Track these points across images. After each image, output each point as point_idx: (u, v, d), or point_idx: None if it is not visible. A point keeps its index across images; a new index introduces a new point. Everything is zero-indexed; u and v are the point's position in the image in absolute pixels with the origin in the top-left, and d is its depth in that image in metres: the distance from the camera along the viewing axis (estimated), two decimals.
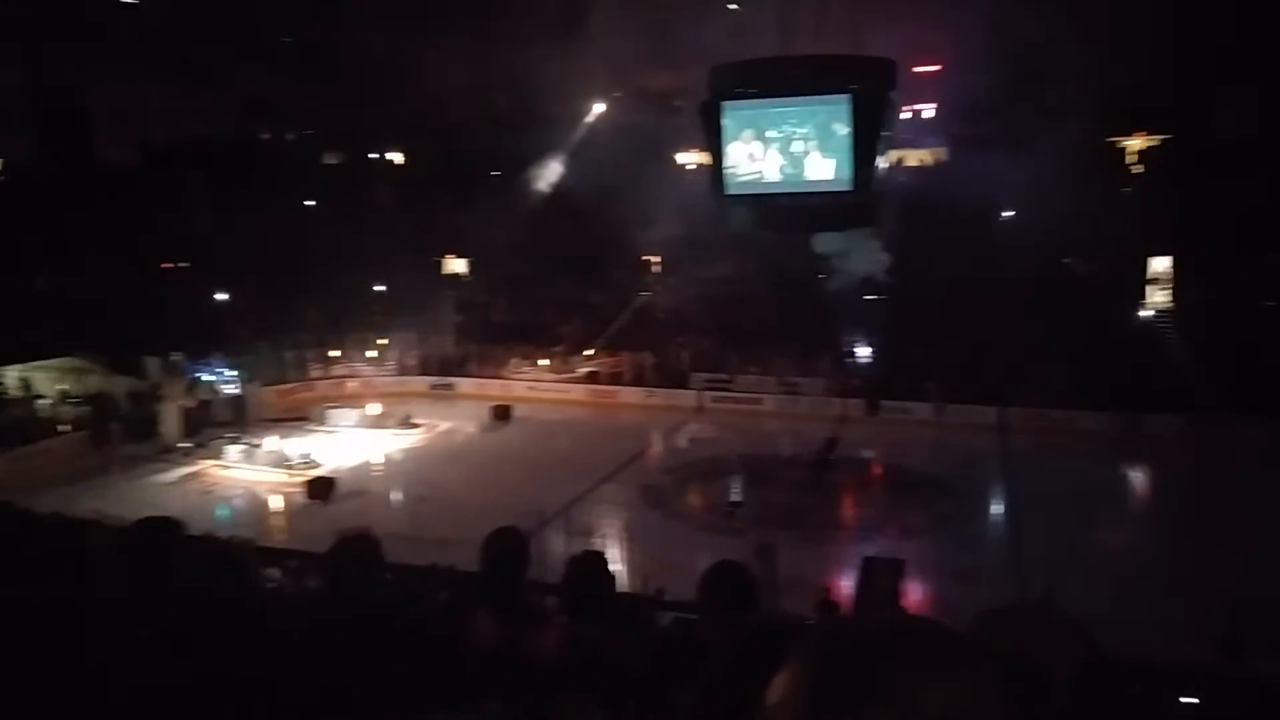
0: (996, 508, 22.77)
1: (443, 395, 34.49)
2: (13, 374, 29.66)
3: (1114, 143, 35.03)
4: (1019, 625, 1.71)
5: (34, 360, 30.11)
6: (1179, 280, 31.72)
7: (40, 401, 28.90)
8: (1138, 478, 26.07)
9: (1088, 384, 27.06)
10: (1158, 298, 32.17)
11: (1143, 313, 31.92)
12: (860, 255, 28.63)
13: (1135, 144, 35.23)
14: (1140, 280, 32.15)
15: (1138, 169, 35.04)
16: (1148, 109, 32.44)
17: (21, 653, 1.50)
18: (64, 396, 29.22)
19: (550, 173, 39.89)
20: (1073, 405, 27.18)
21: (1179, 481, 23.98)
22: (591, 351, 35.64)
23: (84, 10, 31.01)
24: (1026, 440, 26.49)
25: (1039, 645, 1.67)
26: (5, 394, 28.97)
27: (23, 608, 1.59)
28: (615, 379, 34.26)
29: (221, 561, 3.09)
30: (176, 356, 31.12)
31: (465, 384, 35.06)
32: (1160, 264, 32.27)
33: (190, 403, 29.21)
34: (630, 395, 33.33)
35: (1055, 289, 29.70)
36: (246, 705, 2.07)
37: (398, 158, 44.84)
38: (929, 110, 35.46)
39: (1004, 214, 33.06)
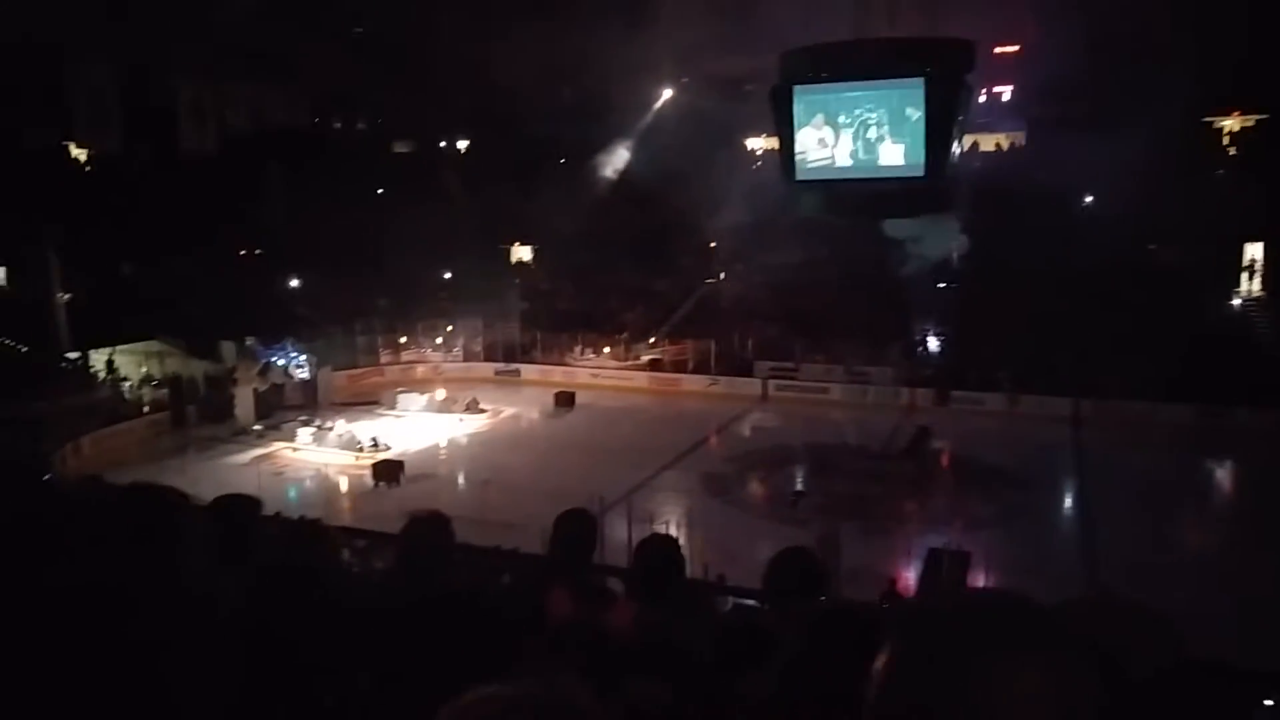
0: (1068, 501, 22.18)
1: (507, 381, 34.84)
2: (99, 357, 30.85)
3: (1209, 123, 33.59)
4: (1100, 617, 1.64)
5: (119, 344, 31.29)
6: (1272, 267, 30.38)
7: (124, 384, 30.00)
8: (1222, 473, 25.10)
9: (1171, 376, 25.92)
10: (1251, 286, 30.87)
11: (1234, 301, 30.65)
12: (935, 239, 27.96)
13: (1230, 124, 33.76)
14: (1233, 268, 30.84)
15: (1233, 151, 33.59)
16: (1244, 87, 30.93)
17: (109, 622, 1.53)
18: (146, 379, 30.30)
19: (617, 159, 39.97)
20: (1155, 397, 26.07)
21: (1267, 478, 22.99)
22: (655, 339, 35.64)
23: (166, 6, 31.95)
24: (1104, 433, 25.63)
25: (1120, 638, 1.60)
26: (93, 377, 30.13)
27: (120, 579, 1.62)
28: (679, 366, 34.21)
29: (301, 539, 3.15)
30: (251, 341, 31.97)
31: (530, 370, 35.37)
32: (1255, 250, 30.95)
33: (263, 386, 29.97)
34: (693, 383, 33.24)
35: (1139, 277, 28.68)
36: (325, 682, 2.09)
37: (465, 145, 45.37)
38: (1007, 92, 34.54)
39: (1086, 199, 32.04)
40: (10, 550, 1.88)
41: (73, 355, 30.56)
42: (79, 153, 37.21)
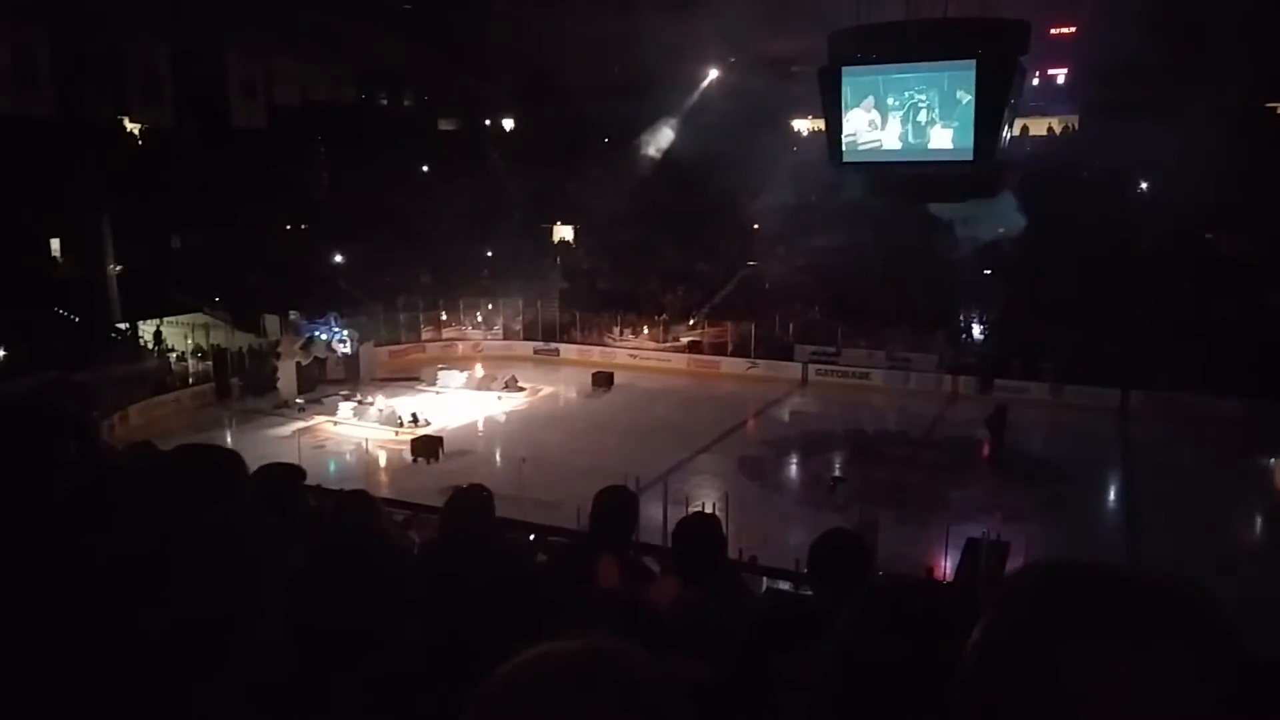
0: (1112, 495, 21.77)
1: (546, 360, 34.96)
2: (147, 328, 31.45)
3: (1272, 109, 32.52)
4: (1205, 603, 1.56)
5: (166, 315, 31.87)
6: None
7: (170, 355, 30.57)
8: (1275, 470, 24.45)
9: (1227, 368, 25.11)
10: None
11: None
12: (990, 218, 27.36)
13: None
14: None
15: None
16: None
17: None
18: (192, 351, 30.84)
19: (660, 139, 39.76)
20: (1206, 390, 25.23)
21: None
22: (694, 320, 35.54)
23: None
24: (1153, 426, 25.07)
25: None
26: (141, 347, 30.73)
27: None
28: (718, 349, 34.08)
29: (352, 510, 3.16)
30: (295, 315, 32.37)
31: (569, 350, 35.46)
32: None
33: (306, 360, 30.34)
34: (732, 366, 33.09)
35: (1194, 265, 27.96)
36: (372, 654, 2.08)
37: (510, 124, 45.41)
38: (1061, 75, 33.69)
39: (1141, 185, 31.23)
40: (70, 510, 1.89)
41: (122, 326, 31.18)
42: (132, 126, 37.71)
